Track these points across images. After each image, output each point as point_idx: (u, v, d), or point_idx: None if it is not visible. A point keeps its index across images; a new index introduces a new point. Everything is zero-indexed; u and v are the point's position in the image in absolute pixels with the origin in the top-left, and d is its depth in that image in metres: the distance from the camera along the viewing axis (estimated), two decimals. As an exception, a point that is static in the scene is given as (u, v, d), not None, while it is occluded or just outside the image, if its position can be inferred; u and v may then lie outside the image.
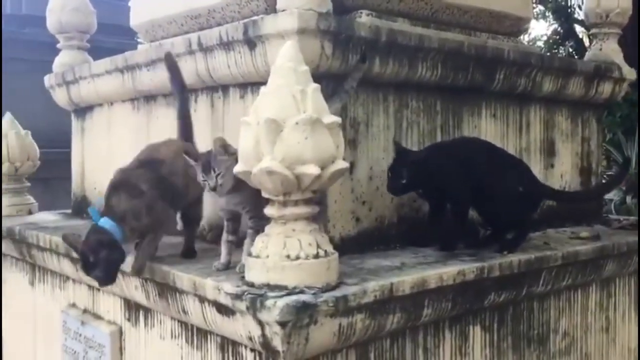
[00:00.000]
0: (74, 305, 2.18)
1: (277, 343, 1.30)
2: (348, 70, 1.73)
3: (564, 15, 9.69)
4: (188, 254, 1.75)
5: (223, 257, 1.59)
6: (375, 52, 1.80)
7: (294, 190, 1.34)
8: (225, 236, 1.60)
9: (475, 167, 1.84)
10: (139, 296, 1.76)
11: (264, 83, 1.38)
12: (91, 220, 1.63)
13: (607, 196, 4.59)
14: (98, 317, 2.04)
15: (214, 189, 1.52)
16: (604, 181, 2.93)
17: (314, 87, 1.35)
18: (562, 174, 2.52)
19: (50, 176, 3.67)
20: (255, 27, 1.73)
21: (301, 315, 1.29)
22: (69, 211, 2.82)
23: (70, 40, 2.76)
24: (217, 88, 2.00)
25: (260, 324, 1.31)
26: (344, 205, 1.82)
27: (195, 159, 1.57)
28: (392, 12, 2.07)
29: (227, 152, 1.52)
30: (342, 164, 1.36)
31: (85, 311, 2.11)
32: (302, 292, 1.33)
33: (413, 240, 1.93)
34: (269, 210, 1.38)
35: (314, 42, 1.67)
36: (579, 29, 9.94)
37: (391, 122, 1.95)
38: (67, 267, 2.10)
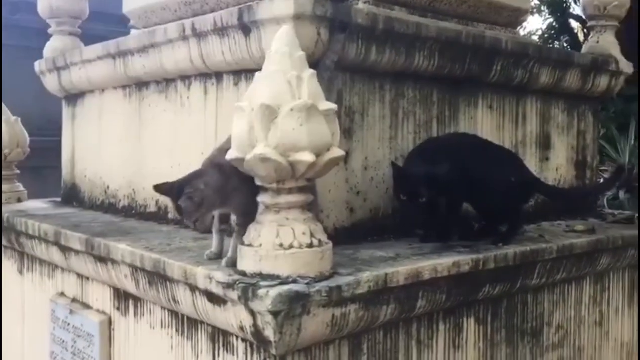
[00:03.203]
0: (62, 294, 2.15)
1: (269, 333, 1.27)
2: (345, 58, 1.70)
3: (559, 10, 9.69)
4: None
5: (215, 247, 1.56)
6: (372, 41, 1.77)
7: (288, 178, 1.31)
8: (217, 225, 1.57)
9: (466, 159, 1.82)
10: (128, 285, 1.73)
11: (259, 70, 1.35)
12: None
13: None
14: (87, 306, 2.01)
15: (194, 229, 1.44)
16: (600, 181, 2.92)
17: (310, 73, 1.32)
18: (558, 167, 2.50)
19: (41, 165, 3.63)
20: (250, 13, 1.69)
21: (294, 305, 1.26)
22: (59, 200, 2.78)
23: (62, 25, 2.72)
24: (211, 75, 1.96)
25: (252, 313, 1.29)
26: (339, 195, 1.80)
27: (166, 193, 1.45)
28: (389, 0, 2.04)
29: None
30: (337, 152, 1.33)
31: (74, 300, 2.08)
32: (295, 281, 1.30)
33: (408, 232, 1.91)
34: (262, 198, 1.35)
35: (310, 28, 1.63)
36: (574, 24, 9.94)
37: (387, 112, 1.92)
38: (55, 255, 2.07)
